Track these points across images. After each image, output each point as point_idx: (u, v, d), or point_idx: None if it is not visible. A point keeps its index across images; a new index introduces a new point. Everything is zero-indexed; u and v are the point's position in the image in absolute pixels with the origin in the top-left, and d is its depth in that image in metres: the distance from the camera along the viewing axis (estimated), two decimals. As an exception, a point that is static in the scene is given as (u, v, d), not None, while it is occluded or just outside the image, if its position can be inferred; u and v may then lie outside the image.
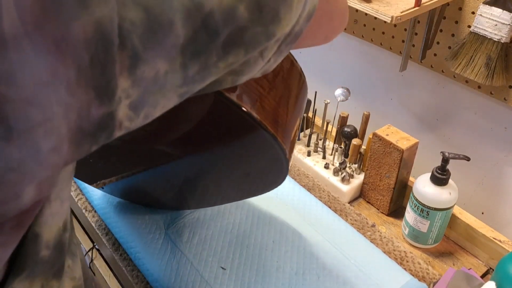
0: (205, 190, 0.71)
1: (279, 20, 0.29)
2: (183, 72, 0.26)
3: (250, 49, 0.29)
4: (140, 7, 0.22)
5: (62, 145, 0.22)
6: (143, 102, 0.25)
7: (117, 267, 0.81)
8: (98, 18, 0.21)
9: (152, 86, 0.25)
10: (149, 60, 0.24)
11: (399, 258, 0.79)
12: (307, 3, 0.32)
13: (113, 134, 0.25)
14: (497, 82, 0.76)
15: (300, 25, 0.32)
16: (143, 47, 0.23)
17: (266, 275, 0.73)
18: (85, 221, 0.89)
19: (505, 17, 0.71)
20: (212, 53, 0.27)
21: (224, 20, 0.26)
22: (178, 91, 0.27)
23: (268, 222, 0.82)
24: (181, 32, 0.24)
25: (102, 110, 0.23)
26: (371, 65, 1.05)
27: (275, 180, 0.58)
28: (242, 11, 0.27)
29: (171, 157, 0.58)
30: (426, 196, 0.78)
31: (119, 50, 0.22)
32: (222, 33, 0.27)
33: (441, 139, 0.97)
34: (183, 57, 0.26)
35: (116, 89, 0.23)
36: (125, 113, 0.25)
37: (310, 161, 0.98)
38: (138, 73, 0.24)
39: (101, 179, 0.74)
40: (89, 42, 0.21)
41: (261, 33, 0.29)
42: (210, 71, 0.28)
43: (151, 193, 0.78)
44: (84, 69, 0.21)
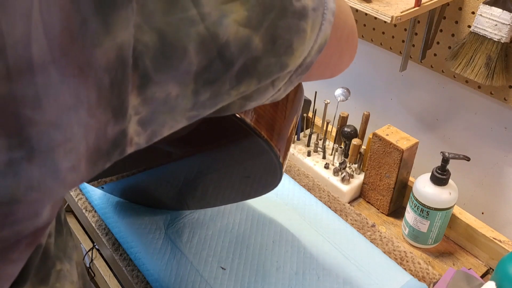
0: (204, 192, 0.71)
1: (292, 51, 0.30)
2: (194, 97, 0.27)
3: (263, 79, 0.30)
4: (155, 32, 0.23)
5: (80, 164, 0.23)
6: (152, 120, 0.26)
7: (117, 267, 0.81)
8: (120, 43, 0.21)
9: (162, 107, 0.26)
10: (160, 82, 0.24)
11: (399, 258, 0.79)
12: (319, 36, 0.32)
13: (125, 151, 0.26)
14: (497, 82, 0.76)
15: (311, 57, 0.33)
16: (155, 69, 0.23)
17: (266, 275, 0.73)
18: (85, 221, 0.89)
19: (505, 17, 0.71)
20: (226, 81, 0.28)
21: (240, 51, 0.27)
22: (187, 114, 0.28)
23: (268, 222, 0.82)
24: (195, 60, 0.25)
25: (116, 128, 0.24)
26: (371, 65, 1.05)
27: (270, 183, 0.58)
28: (257, 42, 0.27)
29: (171, 158, 0.59)
30: (426, 196, 0.78)
31: (131, 70, 0.23)
32: (236, 63, 0.27)
33: (441, 139, 0.97)
34: (196, 84, 0.26)
35: (128, 107, 0.24)
36: (134, 129, 0.25)
37: (310, 161, 0.98)
38: (148, 93, 0.24)
39: (102, 178, 0.74)
40: (111, 66, 0.21)
41: (274, 64, 0.29)
42: (222, 98, 0.29)
43: (151, 193, 0.78)
44: (104, 91, 0.22)
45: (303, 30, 0.30)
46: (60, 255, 0.34)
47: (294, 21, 0.29)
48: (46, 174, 0.21)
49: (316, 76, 0.40)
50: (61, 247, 0.34)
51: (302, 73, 0.34)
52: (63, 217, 0.36)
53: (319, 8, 0.31)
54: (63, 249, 0.35)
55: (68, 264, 0.34)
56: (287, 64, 0.31)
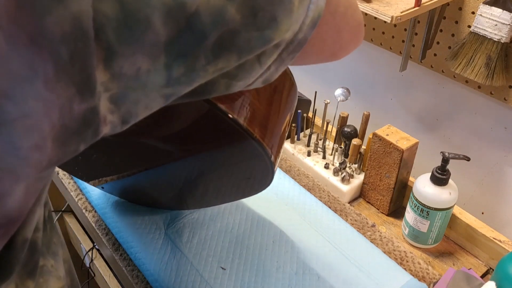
0: (202, 191, 0.71)
1: (276, 24, 0.28)
2: (167, 72, 0.26)
3: (244, 54, 0.28)
4: (115, 1, 0.22)
5: (45, 143, 0.22)
6: (124, 97, 0.25)
7: (117, 267, 0.81)
8: (75, 12, 0.20)
9: (134, 82, 0.25)
10: (126, 55, 0.23)
11: (399, 258, 0.79)
12: (310, 9, 0.30)
13: (100, 130, 0.25)
14: (497, 82, 0.76)
15: (304, 33, 0.31)
16: (118, 41, 0.23)
17: (266, 275, 0.73)
18: (85, 221, 0.89)
19: (505, 17, 0.71)
20: (200, 56, 0.26)
21: (212, 22, 0.25)
22: (161, 91, 0.27)
23: (268, 222, 0.82)
24: (162, 31, 0.24)
25: (84, 105, 0.23)
26: (371, 65, 1.05)
27: (263, 182, 0.58)
28: (232, 13, 0.26)
29: (170, 159, 0.59)
30: (426, 196, 0.78)
31: (95, 43, 0.22)
32: (210, 36, 0.26)
33: (441, 139, 0.97)
34: (167, 57, 0.25)
35: (95, 83, 0.23)
36: (106, 106, 0.24)
37: (310, 161, 0.98)
38: (115, 67, 0.23)
39: (102, 177, 0.74)
40: (67, 37, 0.21)
41: (256, 38, 0.28)
42: (198, 74, 0.27)
43: (151, 193, 0.78)
44: (63, 64, 0.21)
45: (289, 1, 0.28)
46: (44, 251, 0.34)
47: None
48: (4, 150, 0.21)
49: (313, 56, 0.38)
50: (45, 243, 0.34)
51: (295, 50, 0.32)
52: (46, 214, 0.36)
53: None
54: (47, 245, 0.34)
55: (53, 260, 0.34)
56: (272, 38, 0.28)
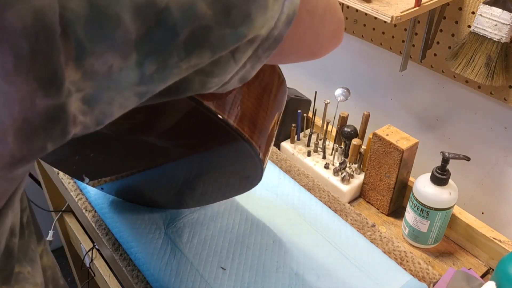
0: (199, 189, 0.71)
1: (250, 21, 0.28)
2: (140, 70, 0.25)
3: (218, 50, 0.28)
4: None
5: (6, 136, 0.22)
6: (97, 97, 0.25)
7: (117, 267, 0.81)
8: (37, 6, 0.20)
9: (106, 81, 0.24)
10: (96, 53, 0.23)
11: (399, 258, 0.79)
12: (285, 5, 0.30)
13: (68, 129, 0.24)
14: (497, 82, 0.76)
15: (279, 29, 0.30)
16: (88, 38, 0.22)
17: (266, 275, 0.73)
18: (85, 221, 0.89)
19: (505, 17, 0.71)
20: (172, 52, 0.26)
21: (183, 18, 0.25)
22: (135, 89, 0.26)
23: (268, 222, 0.82)
24: (132, 28, 0.24)
25: (48, 101, 0.23)
26: (371, 65, 1.05)
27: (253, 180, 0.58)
28: (204, 9, 0.26)
29: (166, 158, 0.59)
30: (426, 196, 0.78)
31: (62, 40, 0.22)
32: (181, 32, 0.25)
33: (441, 139, 0.97)
34: (138, 54, 0.25)
35: (63, 80, 0.23)
36: (78, 107, 0.24)
37: (310, 161, 0.98)
38: (86, 65, 0.23)
39: (100, 177, 0.74)
40: (28, 30, 0.20)
41: (230, 34, 0.27)
42: (171, 71, 0.27)
43: (150, 193, 0.78)
44: (23, 58, 0.21)
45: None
46: (20, 257, 0.33)
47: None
48: None
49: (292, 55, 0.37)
50: (21, 249, 0.33)
51: (271, 48, 0.31)
52: (25, 219, 0.35)
53: None
54: (24, 251, 0.34)
55: (30, 267, 0.33)
56: (245, 35, 0.28)
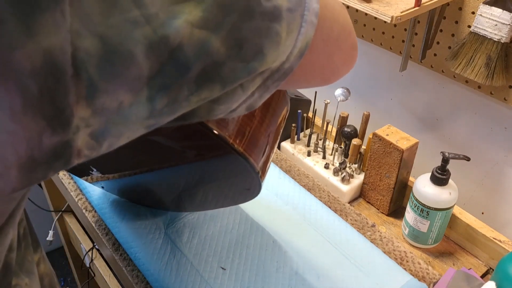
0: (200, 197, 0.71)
1: (263, 56, 0.28)
2: (150, 105, 0.25)
3: (228, 84, 0.28)
4: (96, 37, 0.21)
5: (10, 172, 0.22)
6: (106, 132, 0.25)
7: (117, 267, 0.81)
8: (47, 47, 0.20)
9: (116, 117, 0.24)
10: (109, 91, 0.23)
11: (399, 258, 0.79)
12: (299, 39, 0.30)
13: (71, 162, 0.24)
14: (497, 82, 0.76)
15: (290, 63, 0.30)
16: (101, 77, 0.22)
17: (266, 275, 0.73)
18: (85, 221, 0.89)
19: (505, 17, 0.71)
20: (183, 87, 0.26)
21: (196, 55, 0.25)
22: (144, 123, 0.26)
23: (268, 222, 0.82)
24: (145, 65, 0.23)
25: (55, 139, 0.22)
26: (371, 65, 1.05)
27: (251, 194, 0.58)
28: (217, 46, 0.25)
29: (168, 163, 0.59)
30: (426, 196, 0.78)
31: (73, 80, 0.21)
32: (193, 68, 0.25)
33: (441, 139, 0.97)
34: (150, 90, 0.24)
35: (71, 118, 0.22)
36: (86, 142, 0.24)
37: (310, 161, 0.98)
38: (97, 103, 0.23)
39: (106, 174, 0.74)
40: (37, 71, 0.20)
41: (241, 69, 0.27)
42: (181, 104, 0.27)
43: (151, 194, 0.78)
44: (31, 98, 0.21)
45: (276, 34, 0.28)
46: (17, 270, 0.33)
47: (264, 23, 0.27)
48: None
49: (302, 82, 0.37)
50: (18, 262, 0.33)
51: (280, 79, 0.31)
52: (21, 231, 0.35)
53: (297, 9, 0.29)
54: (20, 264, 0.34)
55: (27, 278, 0.33)
56: (256, 69, 0.28)
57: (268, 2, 0.27)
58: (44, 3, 0.20)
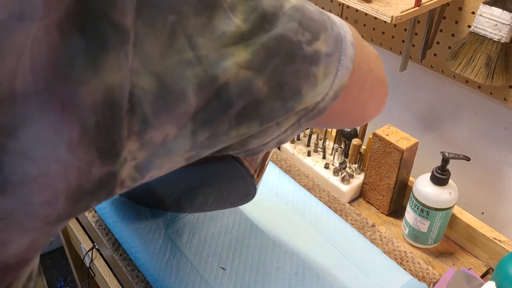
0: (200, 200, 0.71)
1: (300, 97, 0.29)
2: (193, 138, 0.26)
3: (266, 121, 0.29)
4: (152, 75, 0.22)
5: (58, 200, 0.22)
6: (150, 164, 0.25)
7: (117, 267, 0.81)
8: (109, 84, 0.21)
9: (160, 149, 0.25)
10: (158, 126, 0.24)
11: (399, 258, 0.79)
12: (335, 82, 0.31)
13: (113, 192, 0.25)
14: (497, 82, 0.76)
15: (325, 103, 0.32)
16: (153, 113, 0.23)
17: (266, 275, 0.73)
18: (85, 221, 0.89)
19: (505, 17, 0.71)
20: (224, 122, 0.27)
21: (239, 93, 0.26)
22: (185, 155, 0.27)
23: (268, 222, 0.82)
24: (194, 102, 0.24)
25: (103, 170, 0.23)
26: (371, 65, 1.05)
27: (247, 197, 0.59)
28: (260, 86, 0.27)
29: None
30: (426, 196, 0.78)
31: (128, 115, 0.22)
32: (236, 105, 0.27)
33: (441, 139, 0.97)
34: (194, 124, 0.25)
35: (121, 151, 0.23)
36: (130, 173, 0.25)
37: (310, 161, 0.98)
38: (146, 137, 0.24)
39: None
40: (97, 106, 0.21)
41: (279, 108, 0.29)
42: (219, 138, 0.28)
43: (152, 194, 0.78)
44: (88, 131, 0.21)
45: (313, 76, 0.29)
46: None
47: (304, 66, 0.28)
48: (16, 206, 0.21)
49: (334, 123, 0.38)
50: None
51: (314, 117, 0.33)
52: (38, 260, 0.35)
53: (335, 54, 0.30)
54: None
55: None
56: (293, 108, 0.30)
57: (309, 47, 0.28)
58: (112, 42, 0.21)
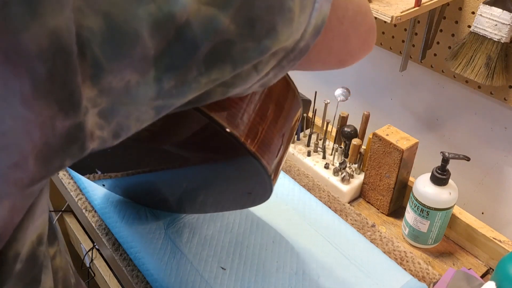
0: (201, 200, 0.71)
1: (275, 34, 0.27)
2: (157, 85, 0.25)
3: (239, 64, 0.27)
4: (99, 15, 0.21)
5: (27, 161, 0.22)
6: (114, 111, 0.24)
7: (117, 267, 0.81)
8: (53, 28, 0.20)
9: (123, 96, 0.24)
10: (114, 70, 0.22)
11: (399, 258, 0.79)
12: (313, 16, 0.29)
13: (86, 146, 0.24)
14: (497, 82, 0.76)
15: (306, 41, 0.30)
16: (105, 56, 0.22)
17: (266, 275, 0.73)
18: (85, 221, 0.89)
19: (505, 17, 0.71)
20: (192, 67, 0.25)
21: (204, 33, 0.24)
22: (152, 104, 0.26)
23: (268, 222, 0.82)
24: (150, 44, 0.23)
25: (68, 122, 0.22)
26: (371, 65, 1.05)
27: (261, 198, 0.57)
28: (226, 24, 0.25)
29: (172, 164, 0.58)
30: (426, 196, 0.78)
31: (79, 60, 0.21)
32: (202, 47, 0.25)
33: (441, 139, 0.97)
34: (157, 70, 0.24)
35: (81, 99, 0.22)
36: (95, 122, 0.24)
37: (310, 161, 0.98)
38: (103, 83, 0.22)
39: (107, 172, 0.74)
40: (45, 53, 0.20)
41: (253, 49, 0.27)
42: (190, 86, 0.26)
43: (152, 194, 0.78)
44: (41, 82, 0.20)
45: (288, 10, 0.27)
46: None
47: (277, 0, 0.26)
48: None
49: (319, 63, 0.36)
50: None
51: (296, 58, 0.31)
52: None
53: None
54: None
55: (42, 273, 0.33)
56: (269, 48, 0.27)
57: None
58: None
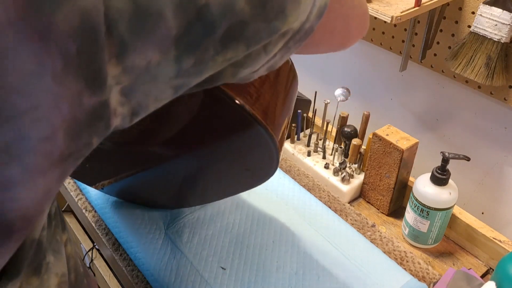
0: (203, 187, 0.71)
1: (285, 16, 0.29)
2: (177, 64, 0.26)
3: (252, 44, 0.29)
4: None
5: (56, 134, 0.22)
6: (135, 89, 0.25)
7: (117, 267, 0.81)
8: (84, 8, 0.21)
9: (144, 75, 0.25)
10: (138, 49, 0.24)
11: (399, 258, 0.79)
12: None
13: (111, 123, 0.25)
14: (497, 82, 0.76)
15: (310, 22, 0.32)
16: (131, 35, 0.23)
17: (266, 275, 0.73)
18: (85, 221, 0.89)
19: (505, 17, 0.71)
20: (209, 47, 0.27)
21: (222, 13, 0.26)
22: (171, 83, 0.27)
23: (268, 222, 0.82)
24: (173, 24, 0.24)
25: (94, 99, 0.23)
26: (371, 65, 1.05)
27: (266, 172, 0.58)
28: (242, 5, 0.26)
29: (167, 158, 0.58)
30: (426, 196, 0.78)
31: (106, 38, 0.22)
32: (219, 27, 0.26)
33: (441, 139, 0.97)
34: (177, 49, 0.25)
35: (106, 76, 0.23)
36: (117, 99, 0.25)
37: (310, 161, 0.98)
38: (127, 61, 0.24)
39: (100, 181, 0.74)
40: (75, 32, 0.21)
41: (264, 29, 0.28)
42: (207, 65, 0.28)
43: (151, 192, 0.78)
44: (71, 59, 0.21)
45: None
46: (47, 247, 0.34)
47: None
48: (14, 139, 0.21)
49: (322, 45, 0.38)
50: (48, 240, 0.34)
51: (301, 39, 0.33)
52: (53, 210, 0.36)
53: None
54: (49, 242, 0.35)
55: (52, 256, 0.34)
56: (278, 29, 0.29)
57: None
58: None
